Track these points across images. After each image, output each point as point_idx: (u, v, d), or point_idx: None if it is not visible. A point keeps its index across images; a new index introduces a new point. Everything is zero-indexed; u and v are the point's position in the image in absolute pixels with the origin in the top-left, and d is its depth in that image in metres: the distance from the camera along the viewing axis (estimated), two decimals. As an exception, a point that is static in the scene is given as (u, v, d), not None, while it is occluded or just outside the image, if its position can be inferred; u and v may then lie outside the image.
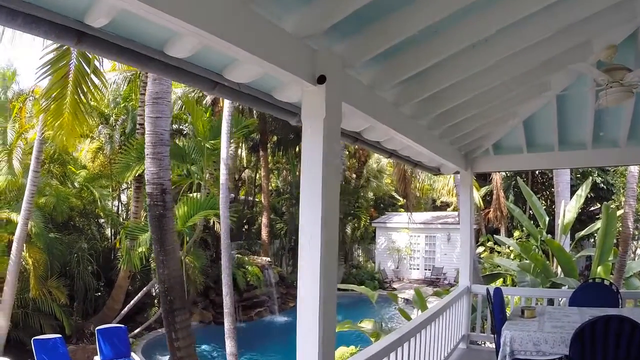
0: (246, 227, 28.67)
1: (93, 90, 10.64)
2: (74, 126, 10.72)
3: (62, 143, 11.92)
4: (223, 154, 13.34)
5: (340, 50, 3.32)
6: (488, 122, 6.12)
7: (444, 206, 33.34)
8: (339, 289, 12.82)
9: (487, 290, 5.74)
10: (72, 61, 10.19)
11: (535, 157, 7.32)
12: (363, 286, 9.47)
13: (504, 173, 24.72)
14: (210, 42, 2.43)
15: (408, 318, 8.56)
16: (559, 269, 10.55)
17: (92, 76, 10.40)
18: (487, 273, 14.80)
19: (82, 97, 10.48)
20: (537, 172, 25.62)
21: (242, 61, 2.90)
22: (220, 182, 13.45)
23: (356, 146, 9.64)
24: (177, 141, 20.03)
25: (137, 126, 17.30)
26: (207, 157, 16.84)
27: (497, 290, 5.60)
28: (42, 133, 12.70)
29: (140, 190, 17.26)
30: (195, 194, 18.25)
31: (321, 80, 2.99)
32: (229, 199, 13.48)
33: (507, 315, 5.72)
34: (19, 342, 14.18)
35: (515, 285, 11.54)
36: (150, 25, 2.32)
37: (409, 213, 25.76)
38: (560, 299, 7.58)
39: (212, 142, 16.38)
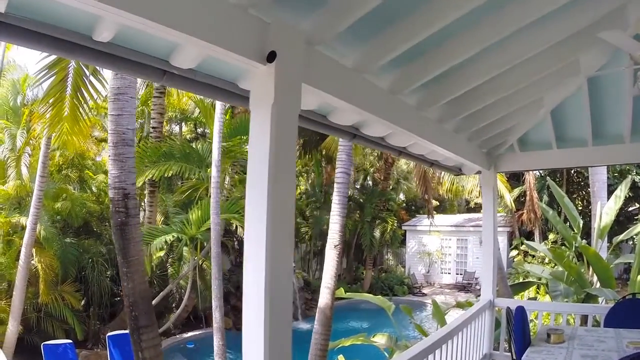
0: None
1: (93, 92, 10.18)
2: (74, 130, 10.29)
3: (63, 147, 11.55)
4: (215, 155, 12.73)
5: (305, 23, 2.68)
6: (510, 112, 5.26)
7: (478, 208, 32.25)
8: (347, 298, 11.96)
9: (508, 309, 4.97)
10: (70, 64, 9.78)
11: (567, 154, 6.44)
12: (380, 296, 8.68)
13: (537, 172, 23.61)
14: (124, 20, 1.95)
15: (424, 334, 7.81)
16: (595, 277, 9.63)
17: (92, 78, 9.94)
18: (516, 282, 13.88)
19: (82, 101, 10.04)
20: (572, 170, 24.48)
21: (179, 42, 2.33)
22: (211, 186, 12.86)
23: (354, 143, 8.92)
24: (193, 145, 19.63)
25: (150, 129, 16.98)
26: (224, 161, 16.27)
27: (519, 309, 4.81)
28: (48, 138, 12.39)
29: (154, 194, 16.94)
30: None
31: (271, 57, 2.36)
32: (218, 204, 12.81)
33: (532, 336, 4.93)
34: (32, 346, 14.03)
35: (547, 294, 10.63)
36: (66, 8, 1.94)
37: (430, 217, 24.64)
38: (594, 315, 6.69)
39: (223, 144, 15.80)
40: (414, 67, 3.57)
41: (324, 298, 10.45)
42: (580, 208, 23.79)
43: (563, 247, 13.83)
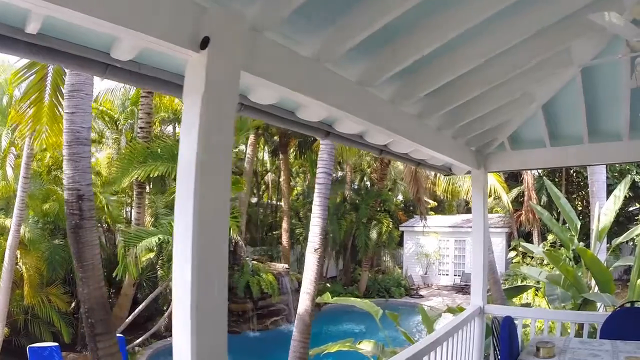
0: (270, 232, 28.00)
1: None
2: (54, 129, 9.97)
3: (42, 147, 11.27)
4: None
5: (251, 6, 2.37)
6: (498, 107, 4.87)
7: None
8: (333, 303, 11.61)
9: (494, 320, 4.61)
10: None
11: (561, 152, 6.02)
12: (367, 301, 8.36)
13: (535, 172, 23.22)
14: (39, 9, 1.76)
15: (411, 341, 7.48)
16: (593, 281, 9.26)
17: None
18: (514, 284, 13.49)
19: (62, 100, 9.74)
20: (571, 170, 24.12)
21: (111, 33, 2.08)
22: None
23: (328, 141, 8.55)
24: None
25: (138, 130, 16.71)
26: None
27: (507, 320, 4.46)
28: (31, 139, 12.08)
29: (142, 195, 16.66)
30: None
31: (204, 44, 2.08)
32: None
33: (525, 343, 4.58)
34: (19, 348, 13.84)
35: (544, 298, 10.25)
36: None
37: (422, 218, 24.18)
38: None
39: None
40: (383, 56, 3.21)
41: (303, 304, 10.14)
42: (580, 209, 23.43)
43: (562, 248, 13.45)
